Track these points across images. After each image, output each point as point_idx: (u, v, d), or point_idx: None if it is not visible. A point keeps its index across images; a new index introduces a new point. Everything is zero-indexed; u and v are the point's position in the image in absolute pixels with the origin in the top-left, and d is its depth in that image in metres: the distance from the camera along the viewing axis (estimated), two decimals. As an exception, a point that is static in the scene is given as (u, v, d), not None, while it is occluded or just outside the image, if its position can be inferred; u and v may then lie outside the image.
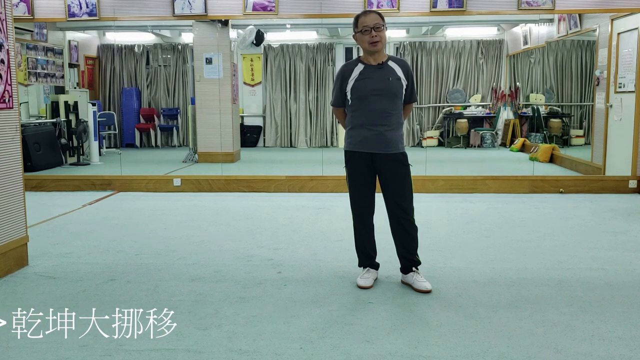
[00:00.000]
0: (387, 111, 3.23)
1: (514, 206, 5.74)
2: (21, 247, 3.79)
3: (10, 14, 3.67)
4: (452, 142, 11.14)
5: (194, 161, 9.03)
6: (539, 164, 7.98)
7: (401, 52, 11.40)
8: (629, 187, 6.42)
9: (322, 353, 2.51)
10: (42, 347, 2.58)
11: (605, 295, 3.20)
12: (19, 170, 3.80)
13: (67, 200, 6.20)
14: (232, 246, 4.29)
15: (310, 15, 6.62)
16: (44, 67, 9.46)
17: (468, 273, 3.59)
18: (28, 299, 3.21)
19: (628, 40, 6.52)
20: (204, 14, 6.63)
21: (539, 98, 9.93)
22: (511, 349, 2.53)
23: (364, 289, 3.31)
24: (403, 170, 3.27)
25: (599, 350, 2.53)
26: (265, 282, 3.45)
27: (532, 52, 10.06)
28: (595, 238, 4.46)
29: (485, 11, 6.42)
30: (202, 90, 9.06)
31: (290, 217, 5.32)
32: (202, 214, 5.50)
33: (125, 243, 4.40)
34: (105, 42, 11.35)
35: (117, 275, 3.60)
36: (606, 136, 7.08)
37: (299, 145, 11.39)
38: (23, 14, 6.62)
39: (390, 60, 3.30)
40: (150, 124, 11.14)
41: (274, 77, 11.51)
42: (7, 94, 3.65)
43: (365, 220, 3.39)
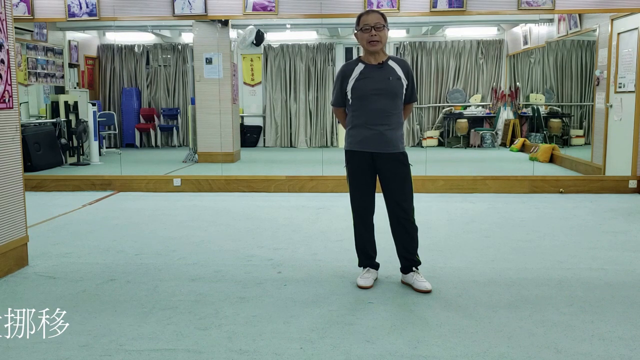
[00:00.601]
0: (387, 111, 3.24)
1: (514, 206, 5.74)
2: (21, 247, 3.79)
3: (10, 14, 3.67)
4: (452, 142, 11.14)
5: (194, 161, 9.03)
6: (539, 164, 7.98)
7: (401, 52, 11.40)
8: (629, 187, 6.42)
9: (322, 353, 2.51)
10: (42, 347, 2.58)
11: (605, 295, 3.20)
12: (19, 170, 3.80)
13: (67, 200, 6.20)
14: (232, 246, 4.29)
15: (310, 15, 6.63)
16: (44, 67, 9.46)
17: (468, 273, 3.59)
18: (28, 299, 3.21)
19: (628, 40, 6.52)
20: (204, 14, 6.63)
21: (539, 98, 9.93)
22: (511, 349, 2.53)
23: (364, 289, 3.31)
24: (403, 170, 3.28)
25: (599, 350, 2.53)
26: (265, 282, 3.45)
27: (532, 52, 10.06)
28: (595, 238, 4.46)
29: (485, 11, 6.42)
30: (202, 90, 9.06)
31: (290, 217, 5.32)
32: (202, 214, 5.50)
33: (125, 243, 4.40)
34: (105, 42, 11.35)
35: (117, 275, 3.60)
36: (606, 136, 7.08)
37: (299, 145, 11.39)
38: (23, 14, 6.62)
39: (391, 60, 3.31)
40: (150, 124, 11.14)
41: (274, 77, 11.51)
42: (7, 94, 3.65)
43: (366, 220, 3.39)
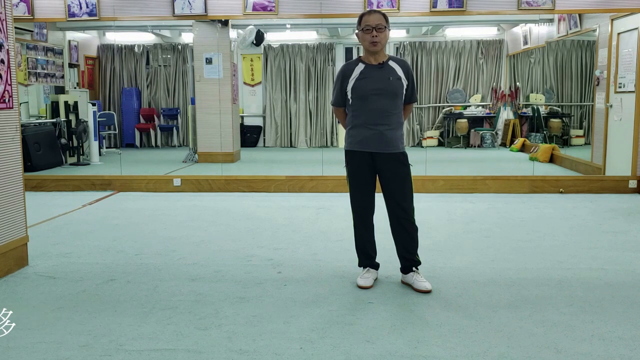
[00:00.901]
0: (387, 111, 3.24)
1: (514, 206, 5.74)
2: (21, 247, 3.79)
3: (10, 14, 3.67)
4: (452, 142, 11.14)
5: (194, 161, 9.03)
6: (539, 164, 7.98)
7: (401, 52, 11.40)
8: (629, 187, 6.42)
9: (322, 353, 2.51)
10: (42, 347, 2.58)
11: (605, 295, 3.20)
12: (19, 170, 3.80)
13: (67, 200, 6.20)
14: (232, 246, 4.29)
15: (310, 15, 6.62)
16: (44, 67, 9.46)
17: (468, 273, 3.59)
18: (28, 299, 3.21)
19: (628, 40, 6.52)
20: (204, 14, 6.63)
21: (539, 98, 9.93)
22: (511, 349, 2.53)
23: (364, 289, 3.31)
24: (403, 170, 3.28)
25: (599, 350, 2.53)
26: (265, 282, 3.45)
27: (532, 52, 10.06)
28: (595, 238, 4.46)
29: (485, 11, 6.42)
30: (202, 90, 9.06)
31: (290, 217, 5.32)
32: (202, 214, 5.50)
33: (125, 243, 4.40)
34: (105, 42, 11.35)
35: (117, 275, 3.60)
36: (606, 136, 7.08)
37: (299, 145, 11.39)
38: (23, 14, 6.62)
39: (391, 60, 3.31)
40: (150, 124, 11.14)
41: (274, 77, 11.51)
42: (7, 94, 3.65)
43: (365, 220, 3.39)
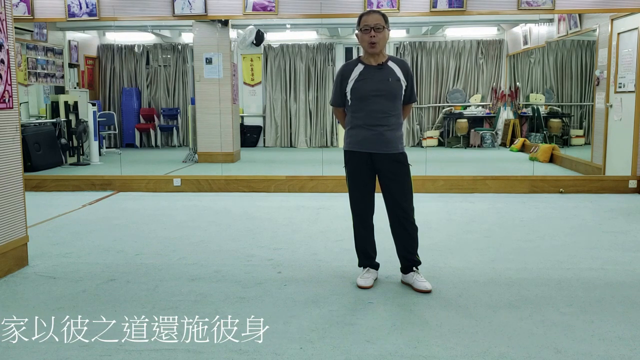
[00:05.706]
0: (386, 111, 3.24)
1: (514, 206, 5.74)
2: (21, 247, 3.78)
3: (10, 14, 3.67)
4: (452, 142, 11.14)
5: (194, 161, 9.03)
6: (539, 164, 7.98)
7: (401, 52, 11.40)
8: (629, 187, 6.42)
9: (322, 353, 2.51)
10: (42, 347, 2.58)
11: (605, 295, 3.20)
12: (19, 170, 3.80)
13: (67, 200, 6.20)
14: (232, 246, 4.29)
15: (310, 15, 6.62)
16: (44, 67, 9.45)
17: (468, 273, 3.59)
18: (28, 299, 3.21)
19: (628, 40, 6.52)
20: (204, 14, 6.63)
21: (539, 98, 9.93)
22: (511, 349, 2.53)
23: (364, 289, 3.31)
24: (403, 170, 3.28)
25: (599, 350, 2.53)
26: (265, 282, 3.45)
27: (532, 52, 10.06)
28: (595, 238, 4.46)
29: (485, 11, 6.42)
30: (202, 90, 9.06)
31: (290, 217, 5.32)
32: (202, 214, 5.50)
33: (125, 243, 4.40)
34: (105, 42, 11.35)
35: (117, 275, 3.60)
36: (606, 136, 7.08)
37: (299, 145, 11.39)
38: (23, 14, 6.62)
39: (390, 60, 3.31)
40: (150, 124, 11.14)
41: (274, 77, 11.51)
42: (7, 94, 3.65)
43: (365, 221, 3.39)
